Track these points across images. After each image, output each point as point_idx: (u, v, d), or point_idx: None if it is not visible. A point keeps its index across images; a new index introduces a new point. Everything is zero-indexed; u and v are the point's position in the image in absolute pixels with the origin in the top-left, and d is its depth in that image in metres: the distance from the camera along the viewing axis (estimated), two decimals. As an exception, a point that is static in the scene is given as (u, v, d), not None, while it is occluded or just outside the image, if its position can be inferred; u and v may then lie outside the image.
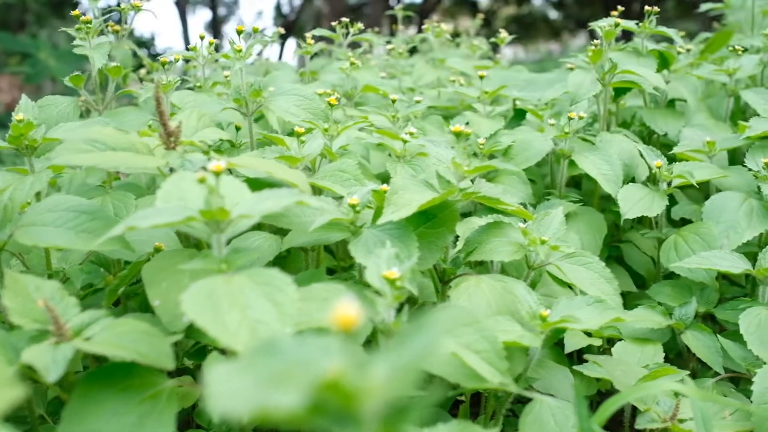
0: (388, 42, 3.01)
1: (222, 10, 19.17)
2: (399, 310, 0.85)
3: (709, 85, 2.09)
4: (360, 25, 2.00)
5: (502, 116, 1.78)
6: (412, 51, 3.00)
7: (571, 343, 1.33)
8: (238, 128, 1.51)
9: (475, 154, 1.56)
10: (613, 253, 1.70)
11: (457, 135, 1.09)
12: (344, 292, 0.89)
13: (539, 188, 1.66)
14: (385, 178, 1.34)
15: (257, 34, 1.48)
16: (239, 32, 1.48)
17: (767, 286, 1.25)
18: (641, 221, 1.68)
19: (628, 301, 1.52)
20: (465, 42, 3.03)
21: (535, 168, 1.64)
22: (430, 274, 1.15)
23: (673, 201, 1.63)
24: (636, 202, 1.43)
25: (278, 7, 18.93)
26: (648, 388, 0.90)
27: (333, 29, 2.10)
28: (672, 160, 1.58)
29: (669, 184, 1.47)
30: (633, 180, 1.55)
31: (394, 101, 1.60)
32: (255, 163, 0.98)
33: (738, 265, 1.25)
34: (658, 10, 1.76)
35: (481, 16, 4.07)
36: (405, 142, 1.38)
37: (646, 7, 1.76)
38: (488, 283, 1.05)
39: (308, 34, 1.87)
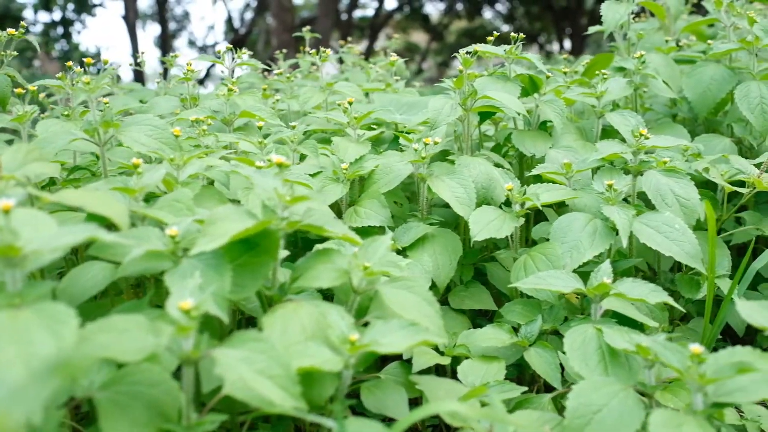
0: (295, 66, 3.04)
1: (172, 25, 19.08)
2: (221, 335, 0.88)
3: (588, 108, 2.17)
4: (245, 51, 2.03)
5: (374, 140, 1.82)
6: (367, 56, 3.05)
7: (420, 362, 1.38)
8: (98, 157, 1.53)
9: (339, 179, 1.60)
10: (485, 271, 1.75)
11: (279, 166, 1.12)
12: (144, 324, 0.91)
13: (406, 210, 1.70)
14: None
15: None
16: (87, 64, 1.49)
17: (598, 304, 1.31)
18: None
19: (494, 319, 1.58)
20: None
21: (400, 190, 1.69)
22: (259, 299, 1.18)
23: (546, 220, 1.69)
24: (486, 225, 1.48)
25: (229, 21, 18.88)
26: (429, 410, 0.93)
27: (284, 44, 2.13)
28: (540, 181, 1.65)
29: (522, 205, 1.53)
30: (490, 202, 1.61)
31: (260, 128, 1.63)
32: (68, 197, 1.00)
33: (570, 285, 1.31)
34: (524, 36, 1.83)
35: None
36: (259, 167, 1.41)
37: (512, 34, 1.83)
38: (307, 309, 1.08)
39: (190, 60, 1.89)
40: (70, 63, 1.60)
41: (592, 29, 2.26)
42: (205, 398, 1.03)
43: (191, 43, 19.81)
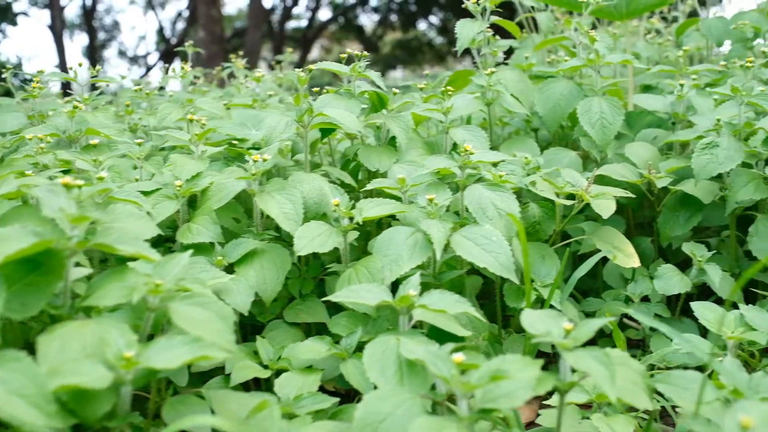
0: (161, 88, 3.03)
1: (101, 35, 18.77)
2: None
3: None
4: (99, 68, 2.04)
5: (235, 155, 1.85)
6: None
7: (238, 376, 1.41)
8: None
9: (176, 195, 1.62)
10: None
11: (67, 187, 1.14)
12: None
13: (244, 226, 1.73)
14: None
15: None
16: None
17: (405, 315, 1.35)
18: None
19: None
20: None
21: (238, 206, 1.71)
22: (50, 318, 1.19)
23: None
24: (311, 239, 1.52)
25: (161, 32, 18.69)
26: (178, 425, 0.96)
27: (213, 56, 2.12)
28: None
29: (351, 220, 1.57)
30: (323, 217, 1.64)
31: (94, 145, 1.64)
32: None
33: (379, 297, 1.35)
34: (368, 54, 1.88)
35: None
36: (78, 187, 1.41)
37: (356, 52, 1.87)
38: (92, 328, 1.10)
39: (37, 75, 1.88)
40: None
41: (459, 45, 2.30)
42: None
43: (121, 53, 19.52)
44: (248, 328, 1.73)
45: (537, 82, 2.29)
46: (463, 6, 2.19)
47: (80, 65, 2.04)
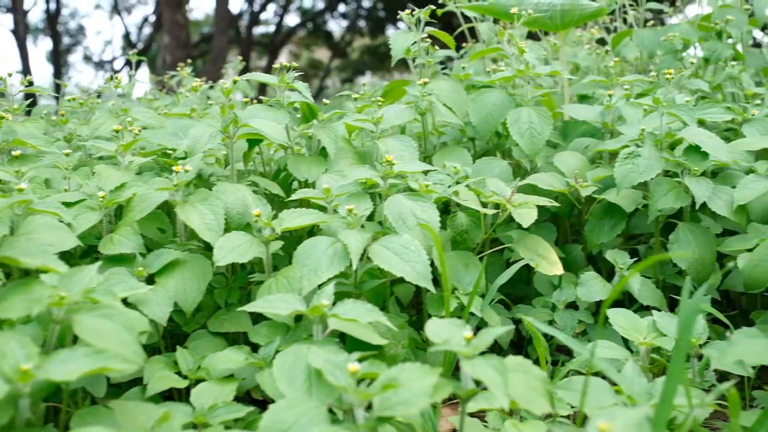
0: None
1: (66, 39, 18.58)
2: None
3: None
4: (30, 77, 2.03)
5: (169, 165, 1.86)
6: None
7: (154, 387, 1.42)
8: None
9: (99, 206, 1.63)
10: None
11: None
12: None
13: (169, 236, 1.73)
14: None
15: None
16: None
17: (318, 325, 1.37)
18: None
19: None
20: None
21: (165, 217, 1.72)
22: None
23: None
24: (231, 250, 1.53)
25: (127, 37, 18.55)
26: None
27: (178, 61, 2.11)
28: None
29: (273, 230, 1.59)
30: (247, 227, 1.66)
31: (17, 156, 1.64)
32: None
33: (293, 307, 1.36)
34: (296, 65, 1.90)
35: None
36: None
37: (285, 62, 1.89)
38: (-8, 341, 1.10)
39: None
40: None
41: (393, 56, 2.32)
42: None
43: (87, 58, 19.33)
44: (178, 338, 1.74)
45: (474, 92, 2.32)
46: (398, 17, 2.23)
47: (10, 75, 2.03)
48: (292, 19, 23.90)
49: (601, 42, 3.38)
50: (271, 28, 20.15)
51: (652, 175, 1.85)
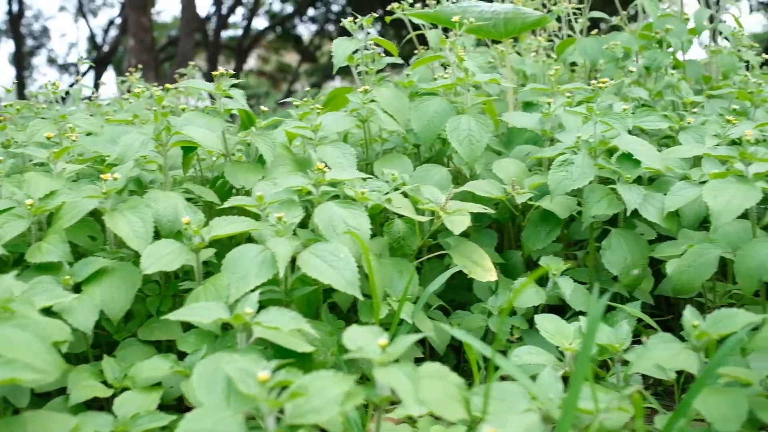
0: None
1: (29, 41, 18.33)
2: None
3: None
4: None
5: (80, 174, 1.85)
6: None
7: (76, 396, 1.42)
8: None
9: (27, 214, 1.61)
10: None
11: None
12: None
13: (100, 244, 1.73)
14: None
15: None
16: None
17: (242, 333, 1.37)
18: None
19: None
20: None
21: (95, 225, 1.71)
22: None
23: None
24: (160, 258, 1.53)
25: (92, 39, 18.35)
26: None
27: (142, 65, 2.08)
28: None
29: (203, 238, 1.59)
30: (178, 235, 1.66)
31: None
32: None
33: (215, 315, 1.36)
34: (233, 72, 1.90)
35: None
36: None
37: (226, 70, 1.90)
38: None
39: None
40: None
41: (335, 63, 2.33)
42: None
43: (51, 60, 19.09)
44: (113, 347, 1.73)
45: (417, 99, 2.34)
46: (341, 24, 2.24)
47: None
48: (260, 23, 23.82)
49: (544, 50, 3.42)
50: (240, 32, 20.08)
51: (585, 182, 1.88)
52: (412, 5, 2.98)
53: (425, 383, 1.19)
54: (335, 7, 20.65)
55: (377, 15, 2.24)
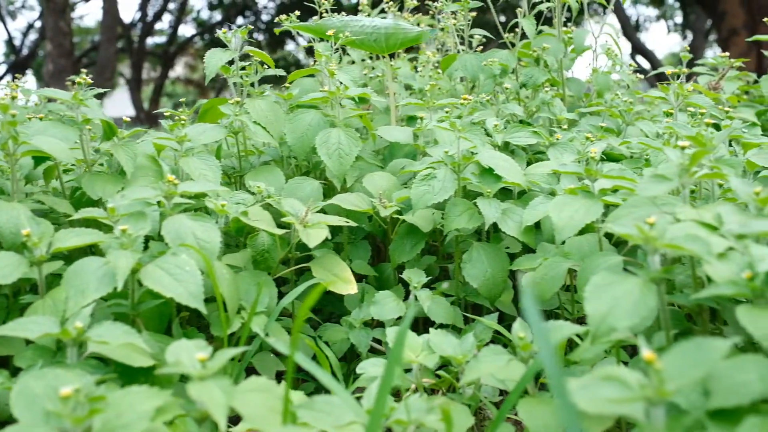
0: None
1: (-58, 44, 17.66)
2: None
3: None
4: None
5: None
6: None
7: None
8: None
9: None
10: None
11: None
12: None
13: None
14: None
15: None
16: None
17: (74, 348, 1.35)
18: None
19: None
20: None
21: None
22: None
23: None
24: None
25: (10, 42, 17.77)
26: None
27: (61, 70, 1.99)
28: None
29: (46, 250, 1.55)
30: (22, 247, 1.62)
31: None
32: None
33: (43, 329, 1.34)
34: (91, 81, 1.88)
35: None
36: None
37: (85, 78, 1.87)
38: None
39: None
40: None
41: (207, 74, 2.32)
42: None
43: (-34, 63, 18.43)
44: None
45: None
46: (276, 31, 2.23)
47: None
48: (188, 30, 23.50)
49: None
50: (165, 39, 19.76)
51: (446, 196, 1.91)
52: (321, 17, 2.98)
53: (246, 397, 1.20)
54: (265, 17, 20.54)
55: (252, 27, 2.24)
